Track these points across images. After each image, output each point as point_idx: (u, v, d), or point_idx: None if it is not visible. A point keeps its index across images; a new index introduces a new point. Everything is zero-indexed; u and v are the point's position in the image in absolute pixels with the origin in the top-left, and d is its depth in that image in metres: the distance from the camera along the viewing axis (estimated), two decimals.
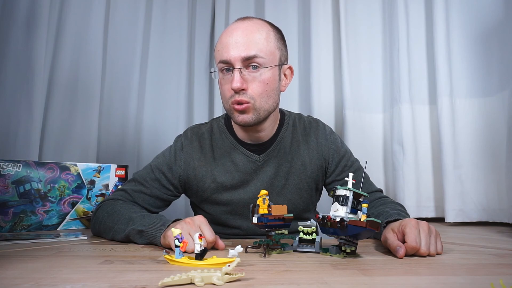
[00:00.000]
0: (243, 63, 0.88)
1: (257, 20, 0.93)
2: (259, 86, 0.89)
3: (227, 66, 0.90)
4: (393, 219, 0.81)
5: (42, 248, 0.79)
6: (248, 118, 0.90)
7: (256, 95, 0.89)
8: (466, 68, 1.42)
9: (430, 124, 1.52)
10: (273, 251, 0.75)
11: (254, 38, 0.88)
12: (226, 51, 0.88)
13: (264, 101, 0.91)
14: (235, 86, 0.86)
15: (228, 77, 0.90)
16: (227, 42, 0.89)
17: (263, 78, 0.89)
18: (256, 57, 0.87)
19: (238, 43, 0.87)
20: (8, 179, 1.07)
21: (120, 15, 1.77)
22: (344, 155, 1.05)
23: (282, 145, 1.01)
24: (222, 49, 0.90)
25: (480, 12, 1.40)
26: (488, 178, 1.34)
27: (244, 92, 0.88)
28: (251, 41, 0.88)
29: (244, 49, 0.87)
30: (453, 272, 0.60)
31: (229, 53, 0.88)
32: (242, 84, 0.87)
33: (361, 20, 1.70)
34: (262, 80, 0.89)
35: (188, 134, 1.04)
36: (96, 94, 1.63)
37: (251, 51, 0.87)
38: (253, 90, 0.89)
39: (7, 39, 1.42)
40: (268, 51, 0.89)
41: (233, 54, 0.87)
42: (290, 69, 0.98)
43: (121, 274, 0.56)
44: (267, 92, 0.90)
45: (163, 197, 1.02)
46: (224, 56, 0.89)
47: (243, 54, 0.87)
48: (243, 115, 0.90)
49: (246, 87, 0.88)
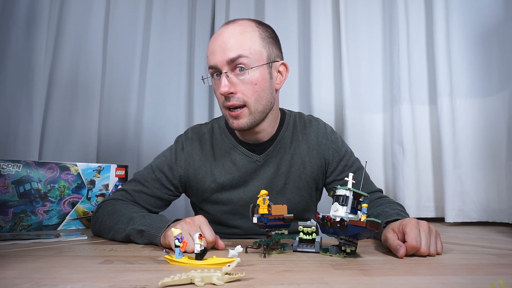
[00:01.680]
0: (229, 66, 0.88)
1: (243, 22, 0.92)
2: (248, 88, 0.89)
3: (215, 71, 0.91)
4: (393, 219, 0.81)
5: (42, 248, 0.79)
6: (243, 123, 0.91)
7: (246, 97, 0.89)
8: (466, 68, 1.42)
9: (430, 124, 1.52)
10: (273, 251, 0.75)
11: (238, 40, 0.88)
12: (212, 56, 0.90)
13: (257, 103, 0.90)
14: (222, 91, 0.87)
15: (218, 82, 0.91)
16: (213, 47, 0.90)
17: (251, 79, 0.89)
18: (240, 57, 0.87)
19: (221, 47, 0.88)
20: (8, 179, 1.07)
21: (120, 15, 1.77)
22: (344, 154, 1.05)
23: (282, 145, 1.01)
24: (209, 55, 0.91)
25: (480, 12, 1.40)
26: (488, 178, 1.34)
27: (233, 96, 0.89)
28: (234, 43, 0.88)
29: (227, 52, 0.87)
30: (453, 272, 0.60)
31: (215, 58, 0.89)
32: (229, 88, 0.87)
33: (361, 20, 1.70)
34: (250, 82, 0.89)
35: (188, 134, 1.04)
36: (96, 94, 1.64)
37: (234, 53, 0.87)
38: (242, 92, 0.89)
39: (7, 39, 1.42)
40: (253, 51, 0.88)
41: (218, 58, 0.88)
42: (284, 65, 0.97)
43: (121, 274, 0.56)
44: (258, 92, 0.90)
45: (164, 197, 1.02)
46: (211, 62, 0.90)
47: (226, 57, 0.87)
48: (237, 120, 0.91)
49: (234, 90, 0.88)
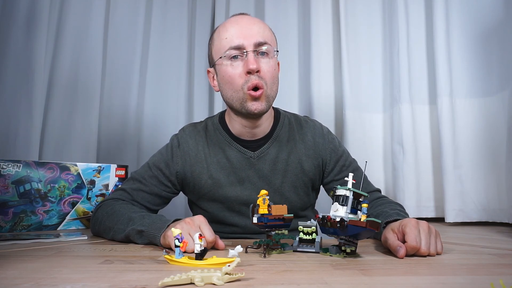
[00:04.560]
0: (254, 48, 0.89)
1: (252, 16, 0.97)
2: (269, 71, 0.91)
3: (238, 52, 0.90)
4: (393, 219, 0.81)
5: (42, 248, 0.79)
6: (262, 106, 0.91)
7: (267, 79, 0.91)
8: (466, 68, 1.41)
9: (430, 124, 1.52)
10: (273, 251, 0.75)
11: (261, 28, 0.92)
12: (237, 36, 0.90)
13: (272, 88, 0.93)
14: (252, 67, 0.87)
15: (237, 64, 0.91)
16: (236, 29, 0.91)
17: (271, 64, 0.92)
18: (266, 43, 0.91)
19: (249, 29, 0.90)
20: (8, 179, 1.07)
21: (120, 15, 1.77)
22: (342, 155, 1.05)
23: (277, 143, 1.02)
24: (231, 36, 0.91)
25: (480, 12, 1.40)
26: (488, 178, 1.34)
27: (258, 75, 0.89)
28: (259, 30, 0.91)
29: (255, 34, 0.90)
30: (453, 272, 0.60)
31: (241, 38, 0.89)
32: (258, 65, 0.88)
33: (361, 20, 1.70)
34: (271, 66, 0.92)
35: (184, 132, 1.06)
36: (96, 94, 1.63)
37: (262, 37, 0.90)
38: (264, 73, 0.90)
39: (7, 39, 1.42)
40: (273, 40, 0.94)
41: (245, 38, 0.89)
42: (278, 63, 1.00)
43: (121, 274, 0.56)
44: (274, 78, 0.93)
45: (162, 194, 1.02)
46: (235, 42, 0.90)
47: (255, 39, 0.89)
48: (257, 103, 0.90)
49: (261, 68, 0.89)
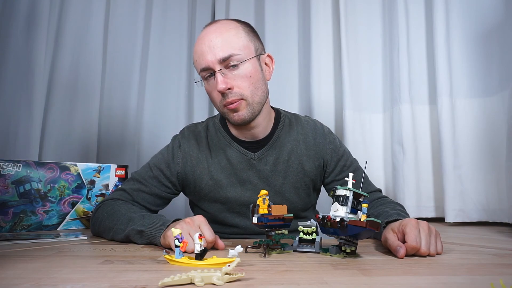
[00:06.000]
0: (222, 65, 0.88)
1: (223, 21, 0.94)
2: (244, 81, 0.90)
3: (208, 72, 0.91)
4: (393, 219, 0.81)
5: (42, 248, 0.79)
6: (243, 115, 0.91)
7: (244, 91, 0.90)
8: (466, 68, 1.42)
9: (430, 124, 1.52)
10: (273, 251, 0.75)
11: (225, 38, 0.89)
12: (202, 58, 0.89)
13: (253, 94, 0.92)
14: (220, 88, 0.87)
15: (212, 82, 0.91)
16: (201, 49, 0.90)
17: (245, 72, 0.90)
18: (232, 55, 0.88)
19: (211, 47, 0.88)
20: (8, 179, 1.07)
21: (120, 15, 1.77)
22: (342, 155, 1.05)
23: (278, 143, 1.02)
24: (198, 58, 0.91)
25: (480, 12, 1.40)
26: (488, 178, 1.34)
27: (231, 92, 0.89)
28: (223, 42, 0.89)
29: (218, 51, 0.88)
30: (453, 272, 0.60)
31: (206, 59, 0.89)
32: (227, 84, 0.88)
33: (361, 20, 1.70)
34: (245, 75, 0.90)
35: (185, 133, 1.05)
36: (96, 94, 1.64)
37: (226, 52, 0.88)
38: (239, 87, 0.90)
39: (7, 39, 1.42)
40: (241, 46, 0.90)
41: (209, 58, 0.88)
42: (269, 57, 0.99)
43: (121, 274, 0.56)
44: (253, 84, 0.91)
45: (162, 194, 1.02)
46: (203, 64, 0.90)
47: (218, 56, 0.88)
48: (237, 113, 0.91)
49: (231, 85, 0.89)
